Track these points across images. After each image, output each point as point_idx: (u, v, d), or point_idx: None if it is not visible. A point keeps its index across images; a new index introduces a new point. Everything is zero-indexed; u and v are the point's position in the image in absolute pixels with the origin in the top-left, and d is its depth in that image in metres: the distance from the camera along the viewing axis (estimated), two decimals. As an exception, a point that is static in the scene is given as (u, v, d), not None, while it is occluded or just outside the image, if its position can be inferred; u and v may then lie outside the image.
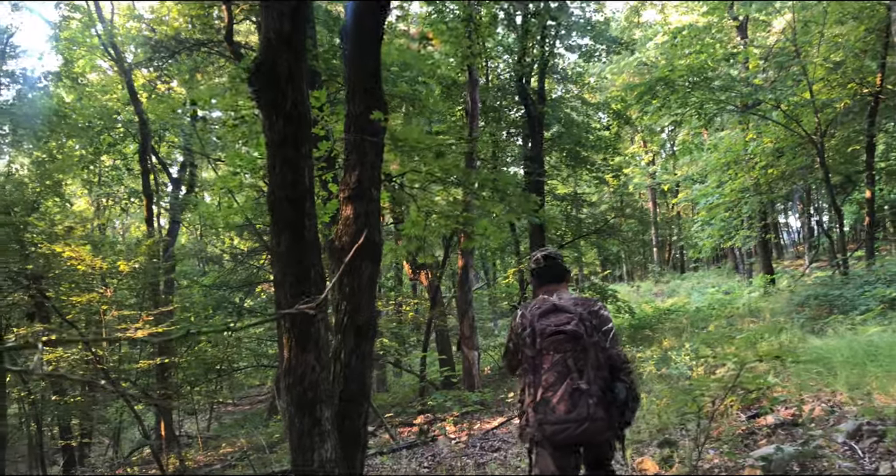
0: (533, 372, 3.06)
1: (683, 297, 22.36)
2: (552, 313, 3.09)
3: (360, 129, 3.88)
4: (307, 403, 3.35)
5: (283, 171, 3.32)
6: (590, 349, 2.98)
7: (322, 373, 3.40)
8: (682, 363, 8.75)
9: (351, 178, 3.89)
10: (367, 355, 3.85)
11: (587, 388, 2.90)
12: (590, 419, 2.85)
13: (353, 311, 3.81)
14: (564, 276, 3.36)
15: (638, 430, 6.47)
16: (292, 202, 3.32)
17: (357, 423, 3.79)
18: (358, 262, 3.84)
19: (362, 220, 3.85)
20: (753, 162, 19.18)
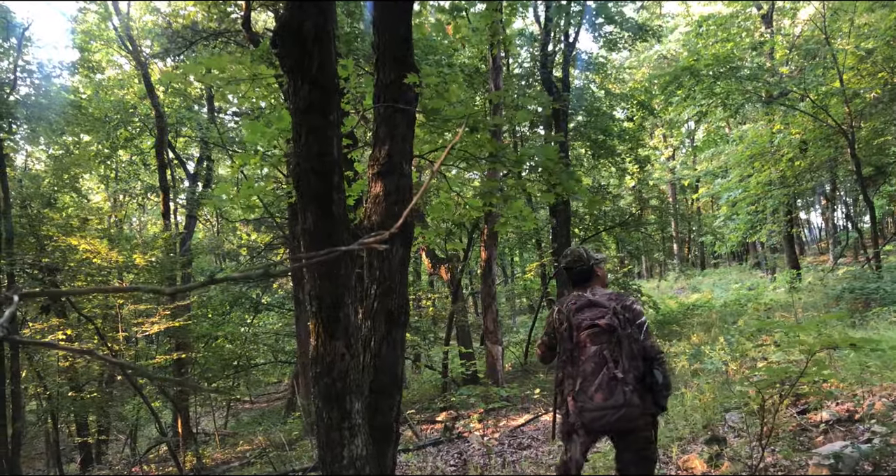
0: (571, 364, 3.26)
1: (707, 293, 21.91)
2: (587, 308, 3.29)
3: (392, 99, 3.59)
4: (336, 395, 3.06)
5: (310, 140, 3.02)
6: (624, 341, 3.14)
7: (352, 361, 3.11)
8: (716, 358, 8.38)
9: (381, 153, 3.60)
10: (399, 343, 3.56)
11: (623, 376, 3.09)
12: (626, 405, 3.05)
13: (384, 295, 3.53)
14: (591, 276, 3.49)
15: (675, 425, 6.15)
16: (320, 174, 3.03)
17: (389, 417, 3.50)
18: (389, 244, 3.54)
19: (393, 198, 3.56)
20: (780, 154, 18.70)
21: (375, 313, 3.53)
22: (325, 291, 3.06)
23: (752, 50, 17.42)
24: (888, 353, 6.01)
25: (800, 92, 15.89)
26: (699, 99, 16.47)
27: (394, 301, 3.53)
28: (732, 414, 5.90)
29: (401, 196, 3.59)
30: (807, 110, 16.61)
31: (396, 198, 3.58)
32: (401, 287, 3.57)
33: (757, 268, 30.94)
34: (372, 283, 3.56)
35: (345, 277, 3.09)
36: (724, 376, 7.55)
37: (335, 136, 3.07)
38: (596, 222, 15.95)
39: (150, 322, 10.65)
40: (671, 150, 36.92)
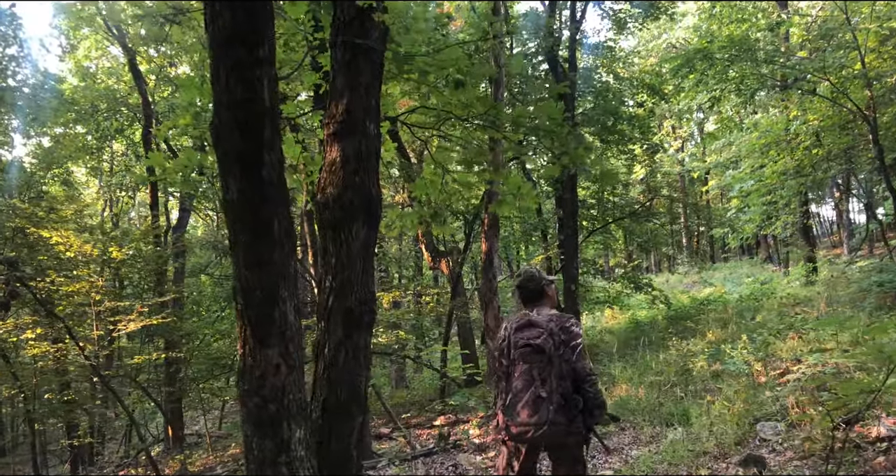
0: (506, 379, 3.44)
1: (719, 287, 21.06)
2: (526, 328, 3.39)
3: (352, 39, 2.83)
4: (269, 420, 2.32)
5: (231, 82, 2.28)
6: (555, 361, 3.26)
7: (290, 376, 2.37)
8: (738, 358, 7.60)
9: (338, 109, 2.85)
10: (361, 349, 2.81)
11: (547, 396, 3.22)
12: (549, 423, 3.18)
13: (342, 289, 2.77)
14: (540, 296, 3.52)
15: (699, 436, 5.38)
16: (244, 127, 2.29)
17: (346, 443, 2.76)
18: (348, 223, 2.79)
19: (353, 165, 2.81)
20: (797, 142, 17.83)
21: (331, 312, 2.78)
22: (254, 283, 2.31)
23: (768, 31, 16.54)
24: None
25: (818, 75, 15.04)
26: (712, 84, 15.65)
27: (354, 296, 2.78)
28: (765, 425, 5.13)
29: (363, 163, 2.84)
30: (825, 95, 15.76)
31: (357, 165, 2.82)
32: (363, 278, 2.81)
33: (769, 262, 30.11)
34: (326, 274, 2.81)
35: (280, 265, 2.33)
36: (750, 379, 6.78)
37: (266, 78, 2.31)
38: (604, 213, 15.16)
39: (128, 320, 9.92)
40: (680, 142, 36.06)
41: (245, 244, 2.31)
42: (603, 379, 9.07)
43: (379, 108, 2.92)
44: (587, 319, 18.37)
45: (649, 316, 16.07)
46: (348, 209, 2.77)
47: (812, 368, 5.44)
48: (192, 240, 20.39)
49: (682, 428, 5.80)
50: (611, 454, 4.70)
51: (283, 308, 2.34)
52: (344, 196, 2.77)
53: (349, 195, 2.77)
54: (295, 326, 2.40)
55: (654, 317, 15.77)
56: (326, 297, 2.78)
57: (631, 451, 5.75)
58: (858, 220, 34.28)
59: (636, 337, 13.12)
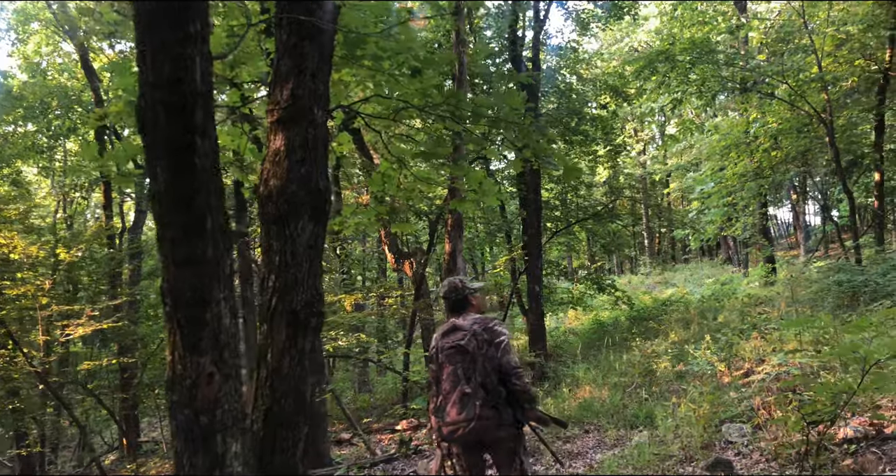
0: (436, 383, 3.53)
1: (681, 288, 21.24)
2: (452, 332, 3.50)
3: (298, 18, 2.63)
4: (200, 434, 2.09)
5: (158, 60, 2.06)
6: (478, 359, 3.34)
7: (226, 384, 2.15)
8: (702, 359, 7.55)
9: (282, 94, 2.64)
10: (306, 354, 2.60)
11: (472, 392, 3.28)
12: (477, 418, 3.24)
13: (286, 289, 2.56)
14: (465, 305, 3.59)
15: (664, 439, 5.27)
16: (173, 110, 2.07)
17: (291, 456, 2.54)
18: (293, 218, 2.59)
19: (299, 155, 2.60)
20: (756, 144, 18.06)
21: (274, 314, 2.57)
22: (184, 283, 2.08)
23: (728, 34, 16.70)
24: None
25: (777, 79, 15.23)
26: (674, 86, 15.73)
27: (299, 297, 2.57)
28: (731, 426, 5.04)
29: (310, 153, 2.63)
30: (784, 98, 15.97)
31: (304, 155, 2.62)
32: (310, 278, 2.60)
33: (729, 263, 30.57)
34: (270, 274, 2.60)
35: (214, 263, 2.11)
36: (714, 379, 6.72)
37: (199, 56, 2.09)
38: (568, 214, 15.12)
39: (76, 324, 9.50)
40: (642, 145, 36.44)
41: (174, 240, 2.09)
42: (566, 380, 8.97)
43: (328, 95, 2.72)
44: (551, 320, 18.32)
45: (612, 316, 16.09)
46: (293, 203, 2.57)
47: (776, 369, 5.37)
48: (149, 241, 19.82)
49: (647, 430, 5.70)
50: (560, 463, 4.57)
51: (217, 310, 2.12)
52: (288, 188, 2.56)
53: (294, 188, 2.57)
54: (231, 331, 2.19)
55: (617, 317, 15.79)
56: (269, 297, 2.56)
57: (595, 454, 5.62)
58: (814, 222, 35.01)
59: (599, 338, 13.09)
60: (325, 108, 2.70)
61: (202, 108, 2.10)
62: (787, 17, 17.53)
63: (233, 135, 3.43)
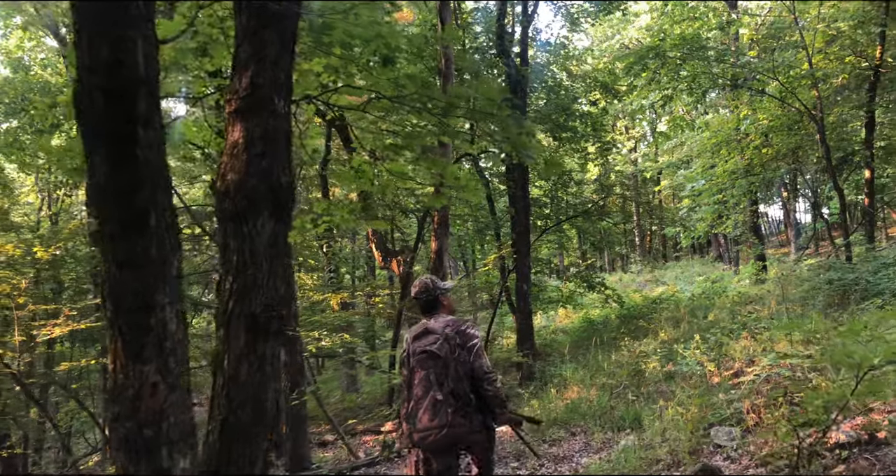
0: (408, 387, 3.51)
1: (671, 286, 21.16)
2: (423, 336, 3.49)
3: (259, 2, 2.46)
4: (144, 448, 1.93)
5: (96, 43, 1.89)
6: (451, 364, 3.33)
7: (172, 395, 1.98)
8: (691, 358, 7.41)
9: (241, 82, 2.47)
10: (268, 361, 2.43)
11: (443, 398, 3.28)
12: (449, 425, 3.24)
13: (244, 291, 2.39)
14: (436, 306, 3.59)
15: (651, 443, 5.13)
16: (112, 96, 1.90)
17: (249, 472, 2.37)
18: (252, 215, 2.42)
19: (258, 148, 2.43)
20: (747, 141, 17.98)
21: (231, 318, 2.40)
22: (126, 285, 1.92)
23: (719, 30, 16.60)
24: None
25: (768, 75, 15.14)
26: (664, 82, 15.62)
27: (259, 300, 2.40)
28: (719, 430, 4.90)
29: (270, 146, 2.46)
30: (775, 94, 15.89)
31: (264, 148, 2.45)
32: (271, 280, 2.43)
33: (719, 260, 30.56)
34: (227, 275, 2.43)
35: (158, 264, 1.94)
36: (703, 380, 6.59)
37: (141, 39, 1.91)
38: (558, 212, 14.98)
39: (53, 324, 9.27)
40: (633, 142, 36.37)
41: (114, 238, 1.92)
42: (554, 381, 8.84)
43: (291, 84, 2.55)
44: (540, 319, 18.19)
45: (602, 315, 15.98)
46: (252, 198, 2.40)
47: (766, 370, 5.24)
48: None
49: (634, 433, 5.56)
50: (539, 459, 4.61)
51: (162, 316, 1.96)
52: (247, 183, 2.39)
53: (253, 182, 2.40)
54: (178, 337, 2.02)
55: (607, 316, 15.67)
56: (227, 300, 2.40)
57: (581, 458, 5.49)
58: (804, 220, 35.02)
59: (589, 336, 12.96)
60: (288, 97, 2.53)
61: (146, 95, 1.93)
62: (777, 14, 17.46)
63: (198, 127, 3.27)
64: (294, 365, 6.52)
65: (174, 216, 2.05)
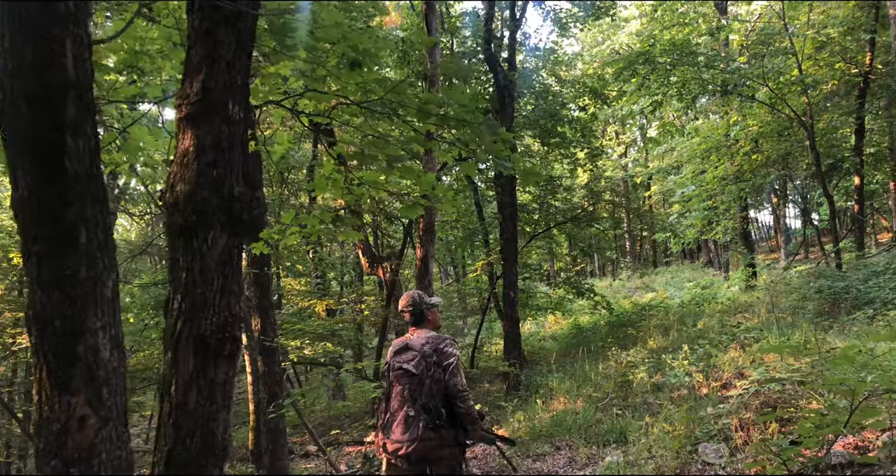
0: (386, 399, 3.65)
1: (661, 292, 21.07)
2: (403, 351, 3.63)
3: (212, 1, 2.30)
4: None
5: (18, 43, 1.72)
6: (425, 382, 3.45)
7: (104, 430, 1.81)
8: (680, 369, 7.27)
9: (193, 86, 2.30)
10: (219, 387, 2.26)
11: (415, 414, 3.41)
12: (419, 439, 3.35)
13: (193, 311, 2.22)
14: (421, 320, 3.70)
15: (637, 459, 4.97)
16: (38, 103, 1.73)
17: (197, 508, 2.19)
18: (202, 229, 2.25)
19: (210, 156, 2.26)
20: (737, 147, 17.92)
21: (180, 340, 2.22)
22: (52, 309, 1.74)
23: (709, 36, 16.53)
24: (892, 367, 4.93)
25: (758, 82, 15.08)
26: (654, 88, 15.53)
27: (209, 321, 2.22)
28: (707, 447, 4.75)
29: (223, 154, 2.29)
30: (764, 100, 15.84)
31: (216, 156, 2.27)
32: (223, 298, 2.26)
33: (709, 266, 30.52)
34: (175, 294, 2.25)
35: (88, 284, 1.77)
36: (692, 392, 6.44)
37: (70, 39, 1.75)
38: (547, 218, 14.85)
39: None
40: (623, 147, 36.33)
41: (40, 256, 1.75)
42: (540, 391, 8.67)
43: (247, 88, 2.39)
44: (530, 325, 18.05)
45: (591, 321, 15.85)
46: (202, 211, 2.22)
47: (755, 385, 5.09)
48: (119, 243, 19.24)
49: (620, 449, 5.40)
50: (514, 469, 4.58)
51: (93, 342, 1.78)
52: (197, 194, 2.22)
53: (204, 193, 2.22)
54: (112, 365, 1.85)
55: (596, 322, 15.54)
56: (175, 321, 2.22)
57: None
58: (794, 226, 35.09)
59: (577, 344, 12.82)
60: (244, 103, 2.36)
61: (75, 100, 1.77)
62: (767, 20, 17.43)
63: (156, 135, 3.09)
64: (272, 376, 6.34)
65: (108, 231, 1.87)
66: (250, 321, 6.51)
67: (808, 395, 4.85)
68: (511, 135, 2.77)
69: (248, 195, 2.32)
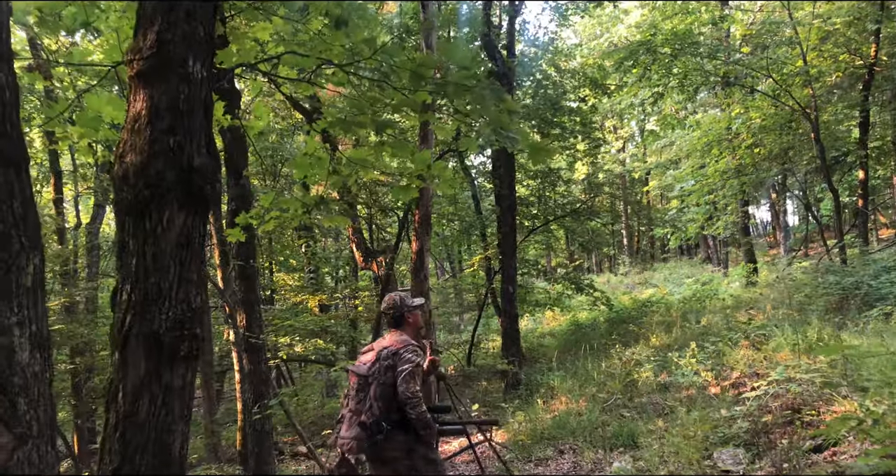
0: (345, 397, 3.79)
1: (661, 288, 20.75)
2: (366, 353, 3.80)
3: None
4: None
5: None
6: (373, 384, 3.53)
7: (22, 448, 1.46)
8: (687, 368, 6.95)
9: (146, 38, 1.94)
10: (176, 394, 1.91)
11: (353, 414, 3.55)
12: (355, 438, 3.49)
13: (145, 304, 1.87)
14: (401, 323, 3.76)
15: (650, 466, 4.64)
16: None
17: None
18: (156, 207, 1.89)
19: (166, 121, 1.91)
20: (738, 141, 17.61)
21: (129, 339, 1.87)
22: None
23: (711, 25, 16.21)
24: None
25: (762, 72, 14.77)
26: (655, 79, 15.21)
27: (164, 315, 1.87)
28: (723, 451, 4.42)
29: (182, 119, 1.93)
30: (767, 92, 15.53)
31: (173, 121, 1.92)
32: (181, 289, 1.91)
33: (708, 262, 30.30)
34: (124, 283, 1.90)
35: None
36: (702, 393, 6.12)
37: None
38: (545, 211, 14.52)
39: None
40: (621, 142, 36.05)
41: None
42: (541, 390, 8.34)
43: (212, 43, 2.04)
44: (528, 321, 17.72)
45: (590, 318, 15.53)
46: (157, 186, 1.87)
47: (773, 385, 4.77)
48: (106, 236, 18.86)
49: (628, 454, 5.06)
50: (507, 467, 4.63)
51: (7, 341, 1.44)
52: (150, 166, 1.87)
53: (158, 165, 1.87)
54: (33, 370, 1.50)
55: (595, 318, 15.22)
56: (123, 315, 1.87)
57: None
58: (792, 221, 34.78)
59: (577, 340, 12.50)
60: (208, 60, 2.01)
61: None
62: (770, 10, 17.11)
63: (116, 104, 2.75)
64: (258, 375, 5.99)
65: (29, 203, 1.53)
66: (236, 317, 6.16)
67: (830, 397, 4.53)
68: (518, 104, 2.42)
69: (210, 167, 1.97)
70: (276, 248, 15.72)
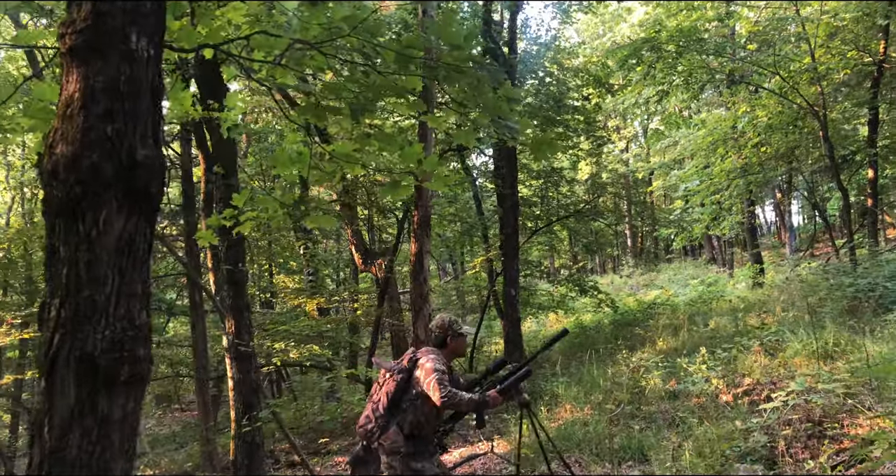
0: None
1: (666, 290, 20.44)
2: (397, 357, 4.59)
3: None
4: None
5: None
6: (390, 380, 3.76)
7: None
8: (697, 375, 6.64)
9: (81, 10, 1.66)
10: (114, 427, 1.62)
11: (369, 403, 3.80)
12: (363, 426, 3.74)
13: (77, 320, 1.58)
14: (443, 345, 3.90)
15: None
16: None
17: None
18: (91, 206, 1.61)
19: (103, 105, 1.62)
20: (745, 140, 17.31)
21: (58, 362, 1.58)
22: None
23: (717, 22, 15.92)
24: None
25: (769, 69, 14.49)
26: (660, 77, 14.95)
27: (100, 335, 1.58)
28: (741, 468, 4.12)
29: (123, 103, 1.65)
30: (774, 90, 15.25)
31: (112, 106, 1.63)
32: (121, 304, 1.62)
33: (712, 263, 30.03)
34: (54, 296, 1.62)
35: None
36: (713, 401, 5.82)
37: None
38: (549, 212, 14.24)
39: (0, 333, 8.46)
40: (624, 142, 35.81)
41: None
42: (545, 398, 8.05)
43: (161, 15, 1.76)
44: (531, 324, 17.43)
45: (595, 320, 15.24)
46: (91, 182, 1.59)
47: (794, 396, 4.47)
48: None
49: (638, 468, 4.77)
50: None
51: None
52: (84, 158, 1.58)
53: (93, 157, 1.59)
54: None
55: (599, 321, 14.93)
56: (51, 334, 1.59)
57: (576, 498, 4.69)
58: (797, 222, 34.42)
59: (582, 343, 12.20)
60: (156, 36, 1.73)
61: None
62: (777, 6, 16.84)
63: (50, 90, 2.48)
64: (247, 384, 5.72)
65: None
66: (225, 323, 5.89)
67: (853, 408, 4.24)
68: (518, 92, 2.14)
69: (155, 160, 1.68)
70: (276, 250, 15.47)
